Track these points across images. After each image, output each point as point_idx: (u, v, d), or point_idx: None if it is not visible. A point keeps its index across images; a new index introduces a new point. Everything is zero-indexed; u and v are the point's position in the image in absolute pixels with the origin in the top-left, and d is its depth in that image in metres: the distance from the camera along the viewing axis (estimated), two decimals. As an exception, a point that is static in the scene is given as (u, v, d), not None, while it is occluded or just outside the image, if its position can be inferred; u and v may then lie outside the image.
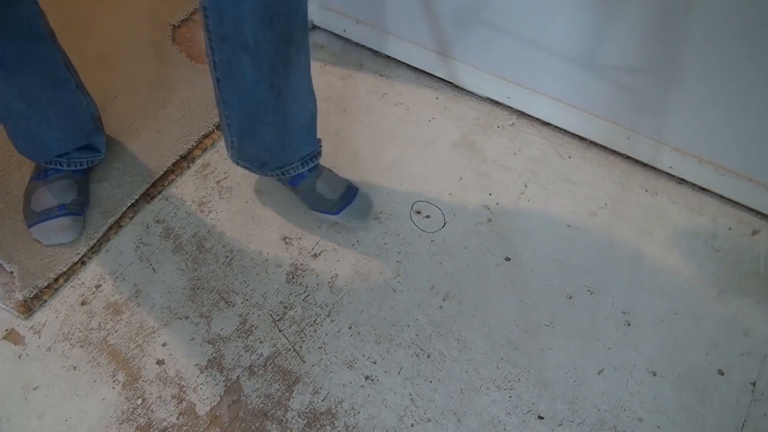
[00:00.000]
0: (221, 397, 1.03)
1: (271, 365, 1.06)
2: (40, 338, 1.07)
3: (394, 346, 1.09)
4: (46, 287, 1.11)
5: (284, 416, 1.01)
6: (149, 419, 1.00)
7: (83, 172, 1.22)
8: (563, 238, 1.24)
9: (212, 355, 1.07)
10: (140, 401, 1.02)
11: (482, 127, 1.41)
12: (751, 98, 1.10)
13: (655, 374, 1.08)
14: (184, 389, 1.03)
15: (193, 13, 1.58)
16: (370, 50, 1.56)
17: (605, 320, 1.14)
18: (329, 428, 1.01)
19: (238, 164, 1.16)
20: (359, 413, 1.03)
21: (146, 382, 1.04)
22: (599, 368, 1.09)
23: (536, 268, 1.20)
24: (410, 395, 1.05)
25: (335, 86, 1.48)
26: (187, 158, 1.31)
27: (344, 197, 1.20)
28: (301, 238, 1.22)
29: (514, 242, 1.23)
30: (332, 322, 1.12)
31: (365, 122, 1.41)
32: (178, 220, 1.23)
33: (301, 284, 1.16)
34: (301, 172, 1.15)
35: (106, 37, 1.52)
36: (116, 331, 1.09)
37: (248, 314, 1.12)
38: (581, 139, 1.40)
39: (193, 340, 1.08)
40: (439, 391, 1.05)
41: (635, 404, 1.05)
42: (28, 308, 1.09)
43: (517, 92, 1.40)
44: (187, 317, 1.11)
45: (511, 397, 1.05)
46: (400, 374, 1.07)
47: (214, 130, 1.36)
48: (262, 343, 1.09)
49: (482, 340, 1.11)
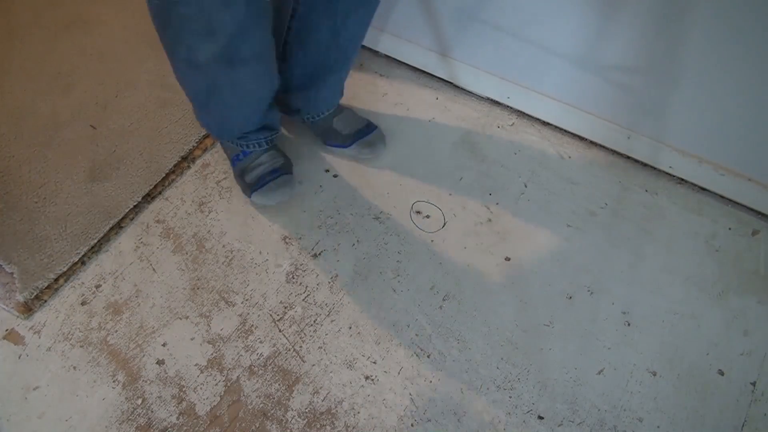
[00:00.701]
0: (221, 397, 1.03)
1: (271, 365, 1.06)
2: (40, 338, 1.07)
3: (394, 346, 1.09)
4: (46, 287, 1.11)
5: (284, 416, 1.01)
6: (149, 419, 1.00)
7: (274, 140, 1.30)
8: (563, 238, 1.24)
9: (212, 355, 1.07)
10: (140, 401, 1.02)
11: (482, 127, 1.41)
12: (751, 98, 1.10)
13: (655, 374, 1.08)
14: (184, 389, 1.03)
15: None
16: (370, 50, 1.56)
17: (605, 320, 1.14)
18: (329, 428, 1.01)
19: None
20: (359, 413, 1.03)
21: (146, 382, 1.04)
22: (599, 368, 1.09)
23: (536, 268, 1.20)
24: (410, 395, 1.05)
25: (335, 86, 1.48)
26: (187, 158, 1.31)
27: (359, 132, 1.31)
28: (301, 238, 1.22)
29: (514, 242, 1.23)
30: (332, 322, 1.11)
31: (365, 122, 1.41)
32: (178, 220, 1.23)
33: (301, 284, 1.16)
34: (325, 116, 1.30)
35: (106, 36, 1.52)
36: (116, 331, 1.09)
37: (248, 314, 1.12)
38: (581, 139, 1.40)
39: (193, 340, 1.08)
40: (439, 391, 1.05)
41: (635, 404, 1.05)
42: (28, 308, 1.09)
43: (517, 92, 1.40)
44: (187, 317, 1.11)
45: (511, 397, 1.05)
46: (400, 374, 1.07)
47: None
48: (262, 343, 1.09)
49: (482, 340, 1.11)
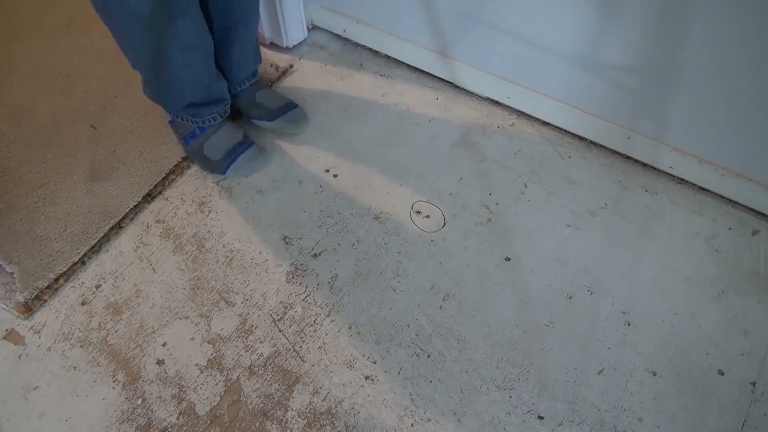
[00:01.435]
0: (221, 397, 1.03)
1: (271, 365, 1.06)
2: (40, 338, 1.07)
3: (394, 346, 1.09)
4: (46, 287, 1.11)
5: (284, 416, 1.01)
6: (149, 419, 1.00)
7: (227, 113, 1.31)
8: (563, 238, 1.24)
9: (212, 355, 1.07)
10: (140, 401, 1.02)
11: (482, 127, 1.41)
12: (751, 98, 1.10)
13: (655, 374, 1.08)
14: (184, 389, 1.03)
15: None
16: (370, 50, 1.56)
17: (605, 320, 1.14)
18: (329, 428, 1.01)
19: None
20: (359, 413, 1.03)
21: (146, 382, 1.04)
22: (599, 368, 1.09)
23: (536, 268, 1.20)
24: (410, 395, 1.05)
25: (335, 86, 1.48)
26: (187, 158, 1.31)
27: (282, 108, 1.35)
28: (301, 238, 1.22)
29: (514, 242, 1.23)
30: (332, 322, 1.11)
31: (365, 122, 1.41)
32: (178, 220, 1.23)
33: (301, 284, 1.16)
34: (247, 87, 1.33)
35: (106, 36, 1.52)
36: (116, 331, 1.09)
37: (248, 314, 1.12)
38: (581, 139, 1.40)
39: (193, 340, 1.08)
40: (439, 391, 1.05)
41: (635, 404, 1.05)
42: (28, 308, 1.09)
43: (517, 92, 1.40)
44: (187, 317, 1.11)
45: (511, 397, 1.05)
46: (400, 374, 1.07)
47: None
48: (262, 343, 1.09)
49: (482, 340, 1.11)
